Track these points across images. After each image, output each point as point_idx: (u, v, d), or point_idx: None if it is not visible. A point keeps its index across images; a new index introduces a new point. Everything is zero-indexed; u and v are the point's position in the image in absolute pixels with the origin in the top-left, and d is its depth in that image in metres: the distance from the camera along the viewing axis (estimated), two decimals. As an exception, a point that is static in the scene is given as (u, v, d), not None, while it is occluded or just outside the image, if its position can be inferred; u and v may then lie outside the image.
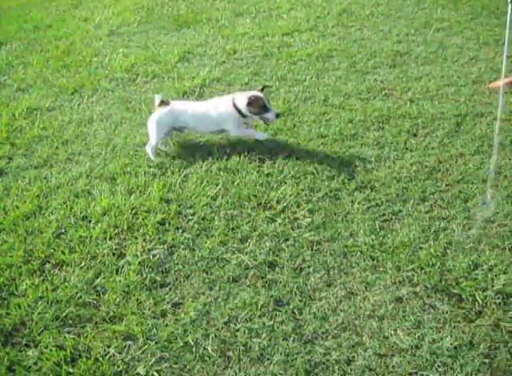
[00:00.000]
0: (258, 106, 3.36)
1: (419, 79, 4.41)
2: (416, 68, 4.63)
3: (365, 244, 2.68)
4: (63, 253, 2.71)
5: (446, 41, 5.18)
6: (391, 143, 3.52)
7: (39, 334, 2.30)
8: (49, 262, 2.68)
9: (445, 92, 4.18)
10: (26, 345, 2.28)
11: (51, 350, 2.22)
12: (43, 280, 2.57)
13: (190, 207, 3.00)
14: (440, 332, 2.25)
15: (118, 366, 2.17)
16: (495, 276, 2.49)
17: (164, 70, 4.75)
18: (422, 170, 3.26)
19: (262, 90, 3.49)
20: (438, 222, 2.84)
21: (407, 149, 3.47)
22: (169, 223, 2.89)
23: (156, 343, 2.25)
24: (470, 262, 2.57)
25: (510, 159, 3.35)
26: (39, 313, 2.38)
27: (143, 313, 2.38)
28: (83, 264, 2.66)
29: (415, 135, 3.62)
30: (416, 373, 2.09)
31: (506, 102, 4.03)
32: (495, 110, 3.89)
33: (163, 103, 3.48)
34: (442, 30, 5.46)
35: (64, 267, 2.65)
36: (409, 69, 4.61)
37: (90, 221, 2.94)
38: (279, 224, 2.85)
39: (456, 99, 4.07)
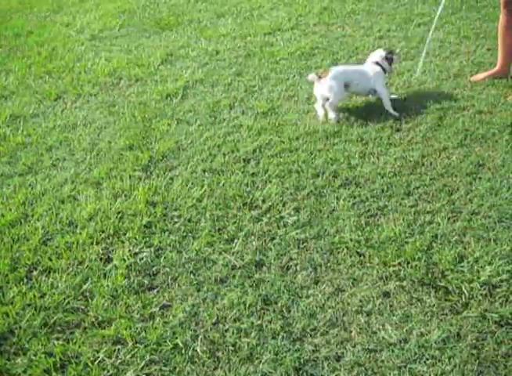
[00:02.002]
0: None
1: (401, 74, 4.44)
2: (397, 63, 4.64)
3: (351, 240, 2.70)
4: (50, 259, 2.71)
5: (427, 36, 5.20)
6: (375, 139, 3.54)
7: (28, 342, 2.29)
8: (36, 269, 2.67)
9: (427, 87, 4.21)
10: (14, 353, 2.26)
11: (40, 357, 2.21)
12: (30, 287, 2.56)
13: (176, 210, 3.00)
14: (428, 325, 2.26)
15: (108, 371, 2.16)
16: (481, 267, 2.51)
17: (147, 73, 4.74)
18: (406, 165, 3.28)
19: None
20: (423, 215, 2.86)
21: (391, 144, 3.49)
22: (155, 226, 2.89)
23: (145, 346, 2.24)
24: (456, 255, 2.58)
25: (492, 151, 3.38)
26: (27, 321, 2.37)
27: (132, 317, 2.38)
28: (70, 270, 2.65)
29: (398, 130, 3.64)
30: (404, 366, 2.10)
31: (488, 94, 4.06)
32: (477, 103, 3.92)
33: (320, 77, 3.85)
34: (423, 25, 5.50)
35: (51, 273, 2.64)
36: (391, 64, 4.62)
37: (76, 226, 2.93)
38: (265, 223, 2.86)
39: (439, 93, 4.09)
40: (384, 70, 4.03)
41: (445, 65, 4.59)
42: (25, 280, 2.61)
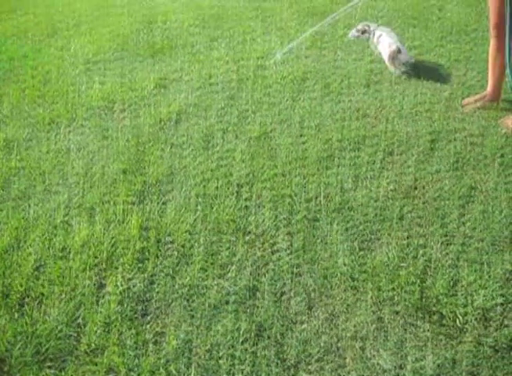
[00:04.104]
0: None
1: (393, 98, 4.47)
2: (390, 87, 4.69)
3: (344, 266, 2.70)
4: (43, 286, 2.69)
5: (418, 61, 5.26)
6: (368, 163, 3.56)
7: (19, 371, 2.27)
8: (29, 296, 2.65)
9: (419, 110, 4.25)
10: (6, 383, 2.25)
11: (31, 387, 2.20)
12: (22, 314, 2.54)
13: (169, 235, 3.00)
14: (422, 351, 2.26)
15: (101, 400, 2.15)
16: (475, 291, 2.52)
17: (141, 98, 4.76)
18: (399, 189, 3.29)
19: None
20: (417, 240, 2.87)
21: (383, 168, 3.51)
22: (149, 252, 2.88)
23: (138, 374, 2.23)
24: (450, 279, 2.59)
25: (484, 174, 3.40)
26: (19, 349, 2.35)
27: (125, 344, 2.36)
28: (63, 297, 2.63)
29: (391, 154, 3.66)
30: (399, 393, 2.10)
31: (479, 117, 4.10)
32: (469, 126, 3.96)
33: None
34: (414, 49, 5.56)
35: (44, 301, 2.62)
36: (383, 88, 4.68)
37: (69, 252, 2.92)
38: (259, 249, 2.86)
39: (430, 117, 4.13)
40: None
41: (436, 89, 4.64)
42: (17, 307, 2.59)
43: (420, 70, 5.00)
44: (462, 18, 6.52)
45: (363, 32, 5.57)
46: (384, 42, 5.21)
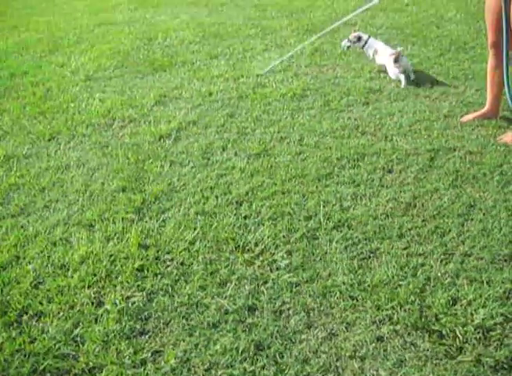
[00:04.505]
0: None
1: (392, 115, 4.49)
2: (388, 104, 4.72)
3: (344, 284, 2.69)
4: (41, 303, 2.68)
5: (417, 77, 5.30)
6: (367, 181, 3.56)
7: (16, 390, 2.26)
8: (27, 314, 2.64)
9: (418, 128, 4.26)
10: (3, 402, 2.23)
11: (29, 406, 2.18)
12: (20, 332, 2.53)
13: (168, 253, 2.99)
14: (422, 370, 2.24)
15: (98, 420, 2.13)
16: (475, 310, 2.51)
17: (141, 115, 4.78)
18: (398, 206, 3.29)
19: None
20: (416, 258, 2.86)
21: (382, 186, 3.51)
22: (147, 270, 2.87)
23: (136, 394, 2.22)
24: (449, 298, 2.58)
25: (483, 192, 3.40)
26: (16, 368, 2.34)
27: (123, 363, 2.35)
28: (61, 314, 2.62)
29: (390, 172, 3.67)
30: (399, 413, 2.08)
31: (478, 135, 4.12)
32: (468, 143, 3.97)
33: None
34: (413, 66, 5.58)
35: (42, 318, 2.61)
36: (382, 105, 4.70)
37: (68, 269, 2.91)
38: (258, 266, 2.85)
39: (429, 134, 4.14)
40: None
41: (435, 106, 4.66)
42: (15, 325, 2.58)
43: (418, 86, 5.04)
44: (460, 35, 6.58)
45: (355, 42, 5.74)
46: (385, 49, 5.46)
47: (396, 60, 5.19)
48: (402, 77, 5.17)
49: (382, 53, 5.44)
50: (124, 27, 7.82)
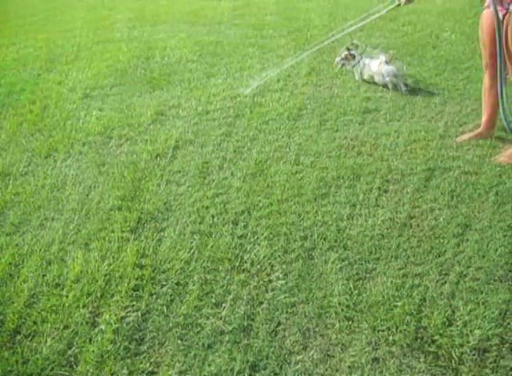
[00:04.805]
0: None
1: (388, 135, 4.51)
2: (384, 124, 4.74)
3: (339, 305, 2.69)
4: (35, 323, 2.67)
5: (413, 97, 5.33)
6: (363, 201, 3.57)
7: (9, 411, 2.24)
8: (20, 333, 2.63)
9: (414, 148, 4.28)
10: (-5, 424, 2.21)
11: None
12: (13, 352, 2.51)
13: (164, 272, 2.98)
14: (418, 392, 2.24)
15: None
16: (470, 331, 2.51)
17: (137, 132, 4.79)
18: (394, 226, 3.30)
19: None
20: (412, 278, 2.86)
21: (378, 206, 3.52)
22: (143, 289, 2.87)
23: (130, 415, 2.20)
24: (445, 319, 2.58)
25: (479, 212, 3.42)
26: (9, 389, 2.33)
27: (117, 384, 2.34)
28: (55, 334, 2.61)
29: (386, 192, 3.68)
30: None
31: (473, 155, 4.14)
32: (463, 163, 3.99)
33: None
34: (409, 85, 5.63)
35: (35, 338, 2.60)
36: (378, 125, 4.72)
37: (63, 288, 2.90)
38: (254, 287, 2.85)
39: (425, 154, 4.16)
40: None
41: (430, 126, 4.68)
42: (8, 345, 2.56)
43: (414, 106, 5.08)
44: (455, 56, 6.62)
45: (347, 58, 5.90)
46: (374, 59, 5.70)
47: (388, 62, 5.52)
48: (390, 84, 5.48)
49: (372, 63, 5.67)
50: (122, 44, 7.85)
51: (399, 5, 4.29)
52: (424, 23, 8.31)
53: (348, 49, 5.83)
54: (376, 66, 5.58)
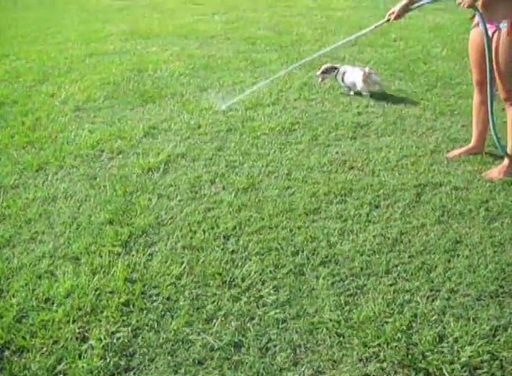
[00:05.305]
0: None
1: (379, 150, 4.54)
2: (376, 139, 4.77)
3: (330, 321, 2.68)
4: (24, 338, 2.64)
5: (404, 112, 5.37)
6: (354, 216, 3.58)
7: None
8: (9, 349, 2.60)
9: (405, 163, 4.30)
10: None
11: None
12: (1, 368, 2.49)
13: (155, 288, 2.97)
14: (408, 410, 2.23)
15: None
16: (461, 348, 2.51)
17: (129, 146, 4.78)
18: (385, 242, 3.31)
19: None
20: (402, 294, 2.86)
21: (369, 221, 3.53)
22: (133, 305, 2.85)
23: None
24: (436, 335, 2.58)
25: (469, 228, 3.43)
26: (-4, 406, 2.30)
27: (106, 401, 2.32)
28: (44, 349, 2.58)
29: (377, 207, 3.69)
30: None
31: (464, 171, 4.16)
32: (454, 179, 4.01)
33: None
34: (400, 102, 5.67)
35: (24, 353, 2.57)
36: (370, 140, 4.75)
37: (53, 303, 2.88)
38: (245, 302, 2.84)
39: (416, 170, 4.18)
40: None
41: (421, 141, 4.72)
42: (-4, 361, 2.54)
43: (405, 121, 5.11)
44: (446, 71, 6.69)
45: (326, 72, 6.07)
46: (356, 70, 5.91)
47: (366, 80, 5.75)
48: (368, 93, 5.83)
49: (351, 72, 5.87)
50: (115, 57, 7.87)
51: (388, 20, 4.31)
52: (416, 39, 8.40)
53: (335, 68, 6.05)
54: (360, 75, 5.77)
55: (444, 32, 8.76)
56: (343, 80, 5.93)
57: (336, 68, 5.99)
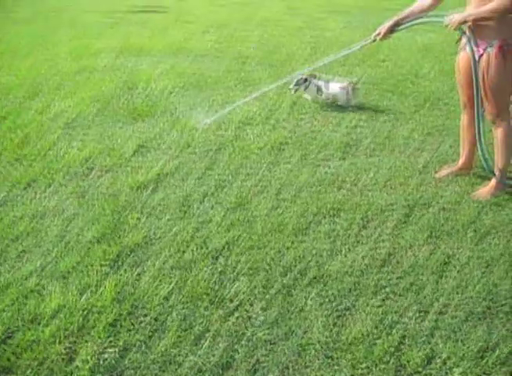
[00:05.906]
0: None
1: (368, 170, 4.56)
2: (365, 159, 4.80)
3: (319, 342, 2.68)
4: (9, 360, 2.61)
5: (393, 133, 5.41)
6: (343, 236, 3.59)
7: None
8: (-7, 370, 2.58)
9: (394, 183, 4.33)
10: None
11: None
12: (-15, 391, 2.47)
13: (143, 307, 2.95)
14: None
15: None
16: (449, 369, 2.52)
17: (119, 164, 4.77)
18: (373, 262, 3.32)
19: None
20: (391, 315, 2.87)
21: (358, 241, 3.54)
22: (121, 324, 2.83)
23: None
24: (424, 356, 2.59)
25: (457, 248, 3.45)
26: None
27: (93, 423, 2.29)
28: (29, 371, 2.55)
29: (365, 228, 3.70)
30: None
31: (452, 191, 4.20)
32: (442, 199, 4.04)
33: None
34: (389, 122, 5.71)
35: (10, 375, 2.54)
36: (359, 160, 4.78)
37: (39, 323, 2.85)
38: (233, 323, 2.83)
39: (404, 190, 4.21)
40: None
41: (410, 161, 4.75)
42: (-20, 383, 2.51)
43: (394, 141, 5.15)
44: (434, 92, 6.75)
45: (297, 84, 6.13)
46: (335, 83, 6.18)
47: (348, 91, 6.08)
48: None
49: (331, 85, 6.12)
50: (106, 74, 7.86)
51: (374, 40, 4.36)
52: (404, 59, 8.47)
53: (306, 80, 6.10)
54: (338, 87, 6.06)
55: (432, 53, 8.85)
56: (322, 90, 6.09)
57: (307, 80, 6.08)
